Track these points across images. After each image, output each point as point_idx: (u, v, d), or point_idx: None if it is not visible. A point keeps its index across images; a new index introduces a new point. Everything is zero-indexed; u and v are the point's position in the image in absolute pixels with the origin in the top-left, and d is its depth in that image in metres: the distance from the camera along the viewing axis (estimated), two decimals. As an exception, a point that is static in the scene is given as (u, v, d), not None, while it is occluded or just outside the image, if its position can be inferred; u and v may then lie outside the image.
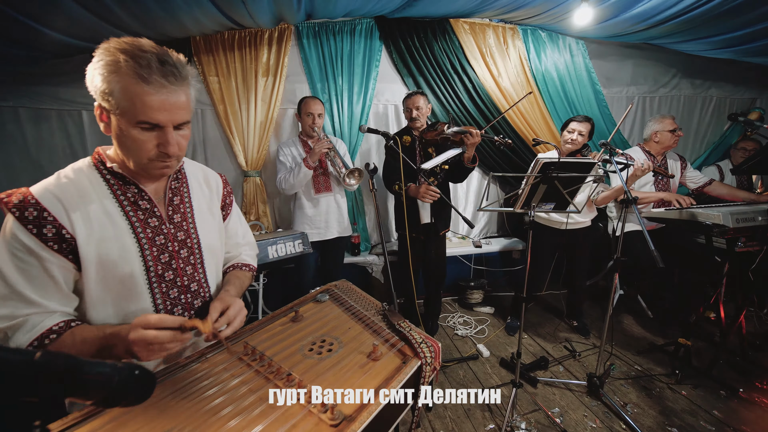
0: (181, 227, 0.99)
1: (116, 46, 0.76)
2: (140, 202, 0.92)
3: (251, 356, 0.90)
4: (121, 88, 0.75)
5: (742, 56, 3.16)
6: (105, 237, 0.86)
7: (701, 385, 2.31)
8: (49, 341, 0.79)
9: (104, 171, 0.89)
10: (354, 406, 0.75)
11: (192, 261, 1.01)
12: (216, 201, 1.12)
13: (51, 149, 2.83)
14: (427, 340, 0.96)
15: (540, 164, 1.58)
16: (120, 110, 0.77)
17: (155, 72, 0.76)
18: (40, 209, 0.79)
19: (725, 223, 2.02)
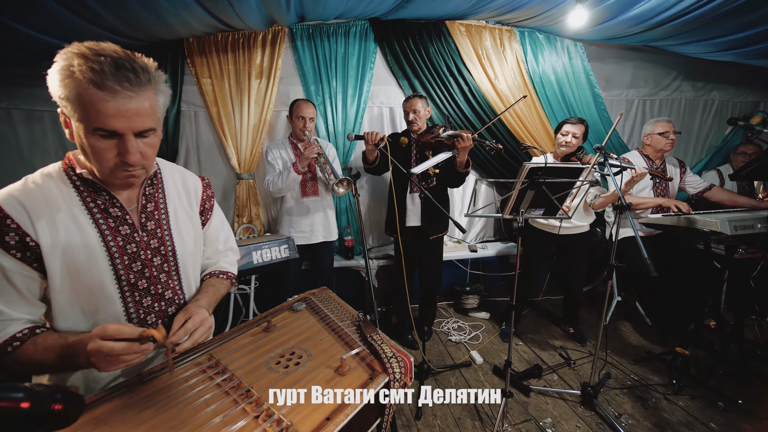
0: (155, 235, 0.97)
1: (73, 51, 0.73)
2: (111, 209, 0.89)
3: (214, 369, 0.87)
4: (76, 94, 0.72)
5: (745, 59, 3.09)
6: (72, 245, 0.83)
7: (699, 396, 2.25)
8: (12, 348, 0.78)
9: (74, 177, 0.87)
10: (312, 424, 0.71)
11: (166, 269, 0.98)
12: (195, 206, 1.09)
13: (44, 151, 2.83)
14: (398, 354, 0.92)
15: (527, 169, 1.54)
16: (77, 116, 0.74)
17: (109, 77, 0.72)
18: (3, 216, 0.77)
19: (723, 230, 1.97)
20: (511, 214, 1.77)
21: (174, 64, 2.81)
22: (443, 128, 2.36)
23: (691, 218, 2.16)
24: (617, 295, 3.17)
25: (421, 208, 2.51)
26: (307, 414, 0.74)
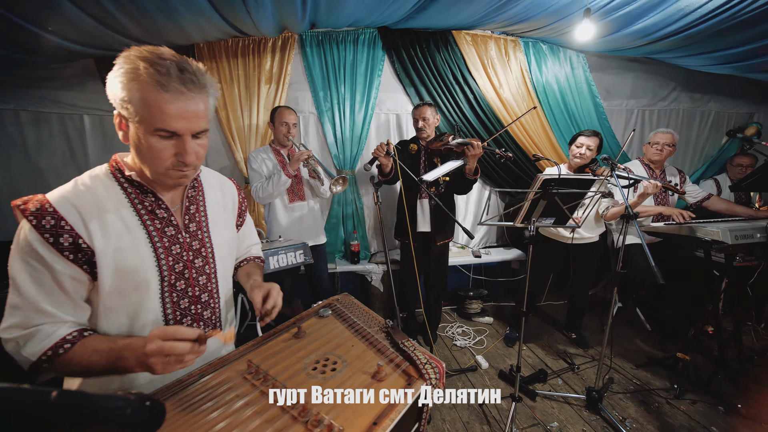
0: (196, 236, 0.99)
1: (136, 54, 0.76)
2: (157, 210, 0.91)
3: (255, 375, 0.89)
4: (140, 96, 0.75)
5: (742, 72, 3.19)
6: (122, 247, 0.85)
7: (700, 401, 2.31)
8: (63, 350, 0.78)
9: (121, 179, 0.89)
10: (360, 428, 0.74)
11: (206, 271, 1.00)
12: (231, 210, 1.13)
13: (51, 153, 2.83)
14: (432, 360, 0.95)
15: (540, 180, 1.58)
16: (138, 118, 0.77)
17: (174, 80, 0.75)
18: (58, 218, 0.78)
19: (724, 239, 2.04)
20: (522, 222, 1.81)
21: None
22: (452, 136, 2.41)
23: (693, 227, 2.22)
24: (618, 301, 3.23)
25: (430, 214, 2.54)
26: (353, 419, 0.76)
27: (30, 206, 0.78)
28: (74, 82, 2.74)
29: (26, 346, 0.77)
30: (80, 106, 2.79)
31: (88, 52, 2.23)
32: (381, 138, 3.27)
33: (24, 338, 0.77)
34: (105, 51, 2.25)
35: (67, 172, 2.86)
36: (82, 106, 2.79)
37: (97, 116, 2.84)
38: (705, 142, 3.95)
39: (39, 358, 0.77)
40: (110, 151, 2.86)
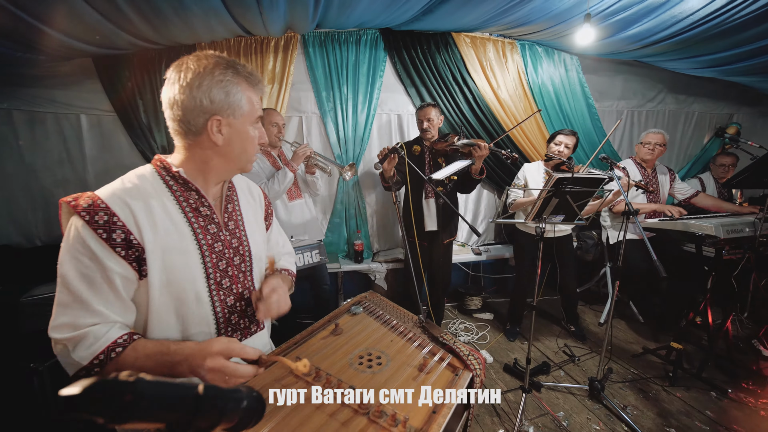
0: (235, 234, 1.00)
1: (222, 61, 0.85)
2: (201, 208, 0.93)
3: (309, 373, 0.91)
4: (245, 96, 0.88)
5: (725, 75, 3.37)
6: (170, 244, 0.85)
7: (693, 387, 2.44)
8: (115, 354, 0.77)
9: (167, 177, 0.90)
10: (421, 418, 0.78)
11: (243, 269, 1.01)
12: (260, 211, 1.14)
13: (46, 153, 2.74)
14: (473, 352, 1.00)
15: (554, 179, 1.65)
16: (245, 114, 0.88)
17: (256, 75, 0.91)
18: (110, 214, 0.78)
19: (717, 234, 2.16)
20: (534, 220, 1.88)
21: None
22: (457, 137, 2.46)
23: (687, 222, 2.35)
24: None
25: (437, 213, 2.60)
26: (412, 408, 0.80)
27: (81, 202, 0.78)
28: (70, 81, 2.67)
29: (76, 349, 0.75)
30: (77, 106, 2.72)
31: (89, 50, 2.18)
32: (383, 138, 3.30)
33: (73, 341, 0.75)
34: (108, 50, 2.21)
35: (62, 173, 2.79)
36: (78, 106, 2.72)
37: (94, 116, 2.77)
38: (689, 141, 4.14)
39: (91, 362, 0.75)
40: (109, 151, 2.84)
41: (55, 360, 2.16)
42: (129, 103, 2.75)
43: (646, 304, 3.39)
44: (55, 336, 0.76)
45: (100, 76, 2.68)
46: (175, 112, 0.84)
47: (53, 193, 2.78)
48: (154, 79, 2.75)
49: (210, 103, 0.82)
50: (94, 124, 2.79)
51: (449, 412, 0.79)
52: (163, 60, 2.74)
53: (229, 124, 0.86)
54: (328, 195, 3.26)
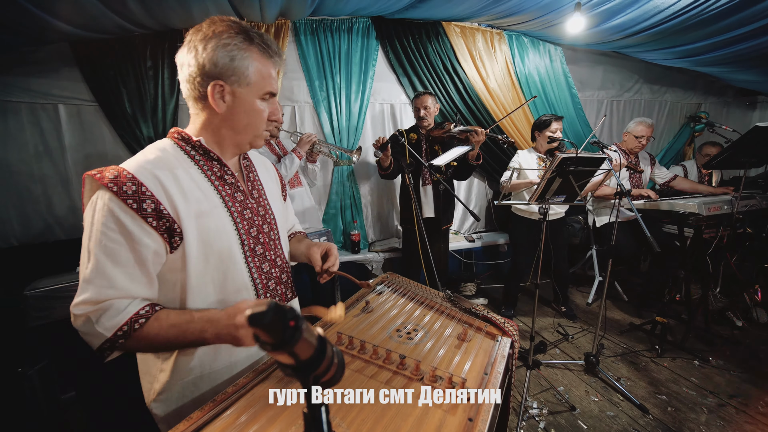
0: (260, 203, 0.99)
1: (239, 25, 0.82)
2: (225, 176, 0.92)
3: (350, 345, 0.91)
4: (255, 64, 0.82)
5: (695, 66, 3.57)
6: (202, 211, 0.84)
7: (678, 357, 2.60)
8: (139, 326, 0.75)
9: (188, 148, 0.88)
10: (476, 381, 0.80)
11: (272, 236, 1.01)
12: (276, 183, 1.14)
13: (21, 146, 2.56)
14: (507, 320, 1.03)
15: (559, 159, 1.71)
16: (249, 85, 0.83)
17: (273, 47, 0.86)
18: (138, 183, 0.76)
19: (700, 211, 2.31)
20: (537, 201, 1.94)
21: (172, 55, 2.65)
22: (454, 124, 2.50)
23: (672, 202, 2.49)
24: (598, 276, 3.51)
25: (434, 200, 2.63)
26: (463, 371, 0.82)
27: (107, 174, 0.75)
28: (46, 68, 2.50)
29: (100, 321, 0.73)
30: (54, 95, 2.55)
31: (70, 32, 2.04)
32: (376, 128, 3.30)
33: (96, 313, 0.73)
34: (91, 33, 2.08)
35: (40, 168, 2.62)
36: (56, 95, 2.56)
37: (74, 106, 2.61)
38: (662, 130, 4.37)
39: (114, 333, 0.73)
40: (90, 143, 2.70)
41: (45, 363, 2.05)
42: (111, 91, 2.61)
43: (628, 284, 3.57)
44: (77, 312, 0.74)
45: (78, 62, 2.53)
46: (184, 72, 0.83)
47: (30, 190, 2.61)
48: (138, 67, 2.63)
49: (213, 66, 0.79)
50: (73, 115, 2.63)
51: (500, 374, 0.81)
52: (148, 46, 2.61)
53: (233, 93, 0.83)
54: (323, 185, 3.23)
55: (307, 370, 0.37)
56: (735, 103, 4.58)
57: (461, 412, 0.71)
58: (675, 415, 2.08)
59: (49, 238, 2.69)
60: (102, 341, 0.74)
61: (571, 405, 2.15)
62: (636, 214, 1.98)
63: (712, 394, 2.24)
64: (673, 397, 2.22)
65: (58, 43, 2.43)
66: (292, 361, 0.37)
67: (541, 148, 2.86)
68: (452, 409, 0.71)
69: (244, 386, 0.80)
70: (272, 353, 0.34)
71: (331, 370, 0.46)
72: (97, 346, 0.74)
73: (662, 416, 2.06)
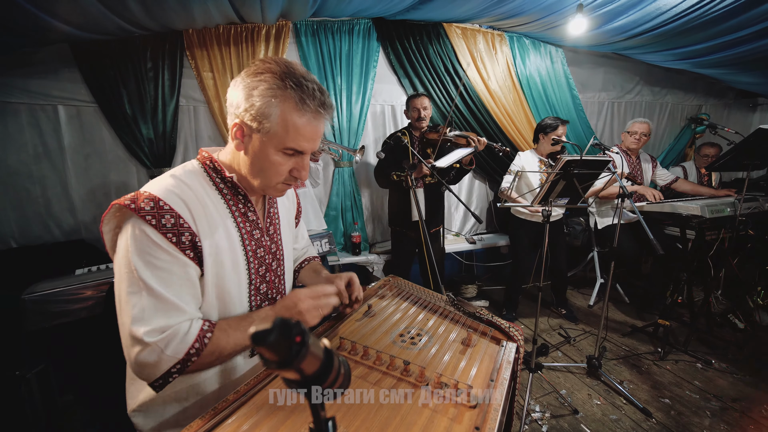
0: (273, 239, 0.99)
1: (281, 69, 0.75)
2: (249, 213, 0.91)
3: (353, 351, 0.90)
4: (279, 113, 0.75)
5: (696, 68, 3.57)
6: (221, 248, 0.84)
7: (681, 360, 2.58)
8: (208, 340, 0.77)
9: (217, 179, 0.87)
10: (481, 387, 0.78)
11: (279, 273, 1.01)
12: (292, 211, 1.14)
13: (20, 147, 2.55)
14: (512, 325, 1.02)
15: (563, 162, 1.70)
16: (270, 134, 0.77)
17: (317, 102, 0.76)
18: (176, 216, 0.76)
19: (702, 214, 2.30)
20: (540, 203, 1.93)
21: (172, 56, 2.68)
22: (448, 128, 2.50)
23: (674, 204, 2.48)
24: (600, 278, 3.50)
25: (425, 203, 2.62)
26: (468, 377, 0.81)
27: (143, 205, 0.74)
28: (46, 69, 2.49)
29: (169, 346, 0.73)
30: (54, 96, 2.54)
31: (70, 33, 2.03)
32: (377, 129, 3.29)
33: (164, 341, 0.72)
34: (91, 34, 2.07)
35: (39, 169, 2.60)
36: (56, 96, 2.55)
37: (73, 107, 2.60)
38: (663, 131, 4.37)
39: (187, 353, 0.74)
40: (90, 144, 2.69)
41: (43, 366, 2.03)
42: (111, 92, 2.60)
43: (629, 286, 3.56)
44: (150, 339, 0.71)
45: (78, 64, 2.52)
46: (226, 102, 0.83)
47: (29, 191, 2.60)
48: (138, 68, 2.62)
49: (237, 105, 0.77)
50: (73, 116, 2.62)
51: (506, 380, 0.80)
52: (148, 48, 2.61)
53: (251, 137, 0.79)
54: (324, 187, 3.22)
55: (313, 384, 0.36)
56: (736, 105, 4.58)
57: (467, 420, 0.69)
58: (678, 418, 2.06)
59: (48, 240, 2.67)
60: (171, 365, 0.73)
61: (574, 408, 2.14)
62: (638, 216, 1.96)
63: (716, 397, 2.22)
64: (677, 401, 2.20)
65: (58, 44, 2.43)
66: (297, 377, 0.35)
67: (544, 151, 2.85)
68: (458, 416, 0.70)
69: (245, 393, 0.78)
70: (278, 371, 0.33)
71: (338, 382, 0.45)
72: (165, 371, 0.73)
73: (666, 420, 2.05)
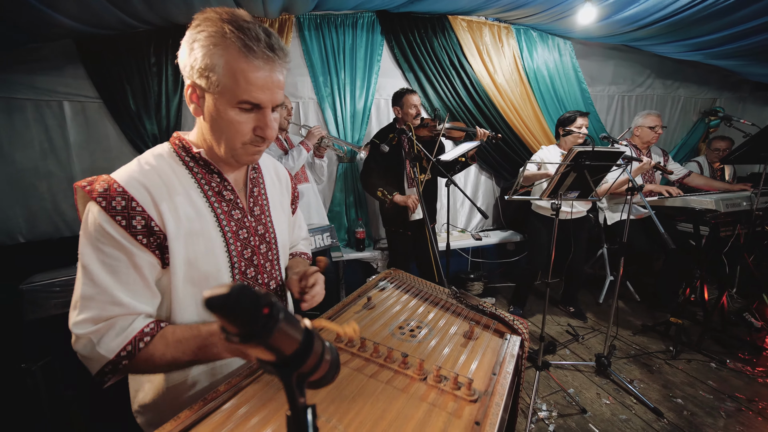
0: (260, 221, 0.93)
1: (219, 16, 0.69)
2: (224, 192, 0.85)
3: (349, 343, 0.87)
4: (224, 63, 0.68)
5: (710, 59, 3.46)
6: (193, 231, 0.79)
7: (694, 360, 2.51)
8: (144, 344, 0.71)
9: (186, 158, 0.82)
10: (483, 382, 0.75)
11: (270, 257, 0.95)
12: (286, 196, 1.07)
13: (26, 143, 2.57)
14: (516, 318, 0.98)
15: (574, 153, 1.65)
16: (220, 88, 0.70)
17: (263, 45, 0.69)
18: (128, 199, 0.71)
19: (717, 208, 2.22)
20: (549, 196, 1.87)
21: (175, 52, 2.64)
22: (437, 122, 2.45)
23: (686, 198, 2.40)
24: (610, 275, 3.42)
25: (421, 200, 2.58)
26: (469, 371, 0.77)
27: (97, 187, 0.71)
28: (51, 65, 2.50)
29: (102, 342, 0.68)
30: (59, 92, 2.56)
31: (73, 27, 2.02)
32: (382, 124, 3.24)
33: (98, 333, 0.68)
34: (93, 28, 2.07)
35: (45, 165, 2.62)
36: (61, 92, 2.56)
37: (78, 103, 2.61)
38: (675, 126, 4.25)
39: (118, 354, 0.69)
40: (95, 140, 2.70)
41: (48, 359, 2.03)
42: (115, 88, 2.61)
43: (640, 284, 3.48)
44: (79, 331, 0.68)
45: (83, 59, 2.53)
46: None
47: (35, 187, 2.62)
48: (142, 64, 2.62)
49: (185, 64, 0.71)
50: (78, 112, 2.63)
51: (509, 374, 0.76)
52: (152, 43, 2.61)
53: (204, 97, 0.73)
54: (328, 183, 3.20)
55: (289, 367, 0.33)
56: (751, 99, 4.44)
57: (467, 414, 0.66)
58: (691, 419, 2.00)
59: (55, 235, 2.69)
60: (103, 364, 0.69)
61: (582, 407, 2.08)
62: (650, 211, 1.90)
63: (731, 398, 2.15)
64: (689, 401, 2.13)
65: (62, 40, 2.44)
66: (271, 357, 0.32)
67: (565, 146, 2.77)
68: (458, 411, 0.66)
69: (237, 385, 0.76)
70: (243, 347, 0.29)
71: (321, 369, 0.42)
72: (98, 369, 0.69)
73: (678, 420, 1.98)
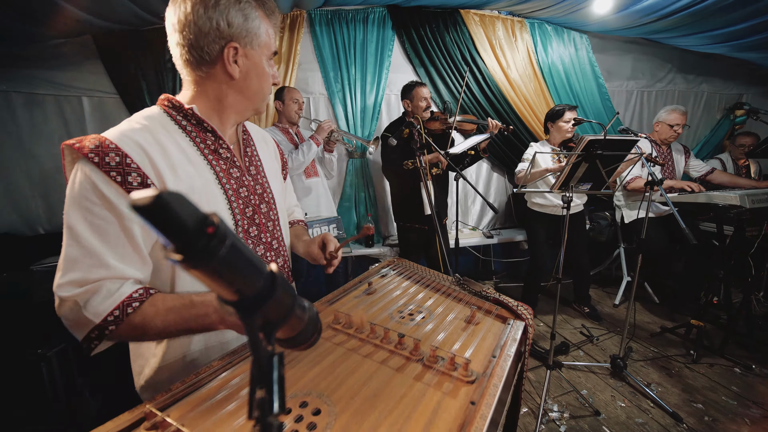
0: (258, 180, 0.92)
1: None
2: (220, 150, 0.84)
3: (347, 325, 0.85)
4: (261, 23, 0.79)
5: (735, 51, 3.32)
6: (193, 188, 0.76)
7: (716, 364, 2.39)
8: (132, 310, 0.67)
9: (178, 117, 0.80)
10: (482, 364, 0.71)
11: (271, 217, 0.94)
12: (277, 161, 1.07)
13: (47, 137, 2.66)
14: (520, 303, 0.94)
15: (585, 141, 1.59)
16: (260, 46, 0.80)
17: (271, 6, 0.82)
18: (122, 155, 0.68)
19: (742, 204, 2.11)
20: (560, 188, 1.81)
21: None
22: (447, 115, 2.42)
23: (710, 194, 2.29)
24: (627, 276, 3.31)
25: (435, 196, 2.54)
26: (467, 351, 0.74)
27: (87, 143, 0.68)
28: (70, 61, 2.58)
29: (88, 305, 0.65)
30: (78, 88, 2.64)
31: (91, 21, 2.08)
32: (392, 119, 3.22)
33: (83, 296, 0.65)
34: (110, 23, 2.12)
35: (64, 158, 2.70)
36: (80, 88, 2.64)
37: (96, 98, 2.69)
38: (698, 122, 4.09)
39: (104, 319, 0.65)
40: (111, 134, 2.76)
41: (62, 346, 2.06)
42: (132, 84, 2.67)
43: (659, 285, 3.34)
44: (63, 294, 0.65)
45: (101, 56, 2.60)
46: (185, 36, 0.73)
47: (56, 180, 2.70)
48: (157, 60, 2.68)
49: (227, 26, 0.73)
50: (96, 107, 2.70)
51: (510, 357, 0.73)
52: (166, 40, 2.65)
53: (246, 55, 0.78)
54: (337, 178, 3.19)
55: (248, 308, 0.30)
56: (780, 94, 4.24)
57: (463, 395, 0.63)
58: (713, 425, 1.89)
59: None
60: (89, 329, 0.66)
61: (596, 410, 2.00)
62: (672, 208, 1.80)
63: (756, 404, 2.03)
64: (711, 406, 2.03)
65: (81, 37, 2.51)
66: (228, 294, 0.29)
67: (555, 141, 2.71)
68: (453, 391, 0.63)
69: (230, 360, 0.74)
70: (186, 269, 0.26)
71: (292, 323, 0.39)
72: (84, 335, 0.66)
73: (698, 426, 1.89)
